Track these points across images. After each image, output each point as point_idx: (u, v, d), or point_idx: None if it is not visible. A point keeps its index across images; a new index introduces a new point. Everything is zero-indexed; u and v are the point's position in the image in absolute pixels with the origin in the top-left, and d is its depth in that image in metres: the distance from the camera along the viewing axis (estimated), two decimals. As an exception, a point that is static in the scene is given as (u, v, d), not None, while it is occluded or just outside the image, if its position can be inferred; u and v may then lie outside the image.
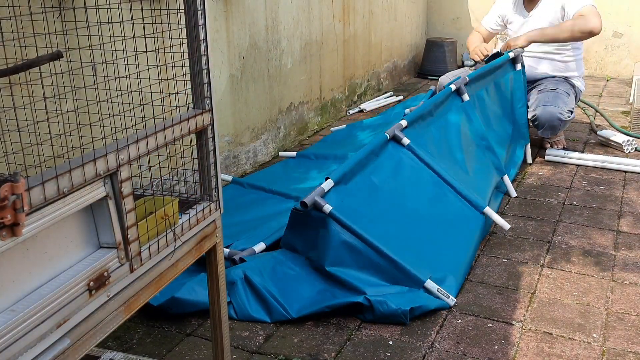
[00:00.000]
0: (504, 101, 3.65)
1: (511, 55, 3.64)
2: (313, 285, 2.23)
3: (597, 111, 4.81)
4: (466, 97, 3.26)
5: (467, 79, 3.31)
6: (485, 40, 4.10)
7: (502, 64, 3.64)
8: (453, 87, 3.23)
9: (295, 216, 2.30)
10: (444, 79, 3.90)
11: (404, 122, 2.82)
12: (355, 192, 2.43)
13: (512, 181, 3.37)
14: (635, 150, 3.86)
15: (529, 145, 3.75)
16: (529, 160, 3.74)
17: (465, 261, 2.47)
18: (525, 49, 3.76)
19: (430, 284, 2.22)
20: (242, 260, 2.33)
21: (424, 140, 2.89)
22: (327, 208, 2.21)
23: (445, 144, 3.03)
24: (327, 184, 2.32)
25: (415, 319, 2.15)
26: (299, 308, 2.15)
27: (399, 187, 2.62)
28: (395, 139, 2.75)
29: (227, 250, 2.37)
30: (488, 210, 2.74)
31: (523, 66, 3.72)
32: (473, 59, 3.89)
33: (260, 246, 2.43)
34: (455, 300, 2.25)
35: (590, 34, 3.55)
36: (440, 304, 2.20)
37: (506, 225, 2.76)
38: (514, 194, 3.24)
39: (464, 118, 3.20)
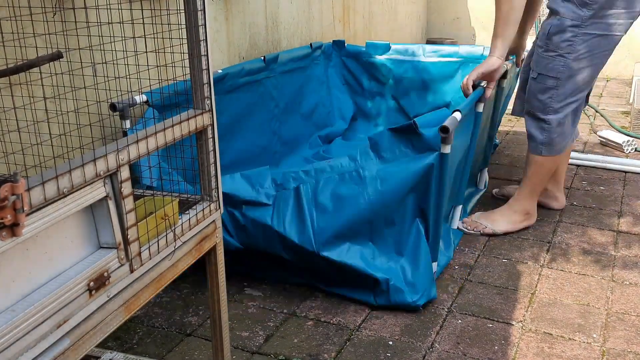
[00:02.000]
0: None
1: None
2: (358, 235, 2.21)
3: (597, 111, 4.81)
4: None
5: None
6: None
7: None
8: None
9: (409, 128, 2.16)
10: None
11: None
12: (455, 139, 2.31)
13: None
14: (635, 150, 3.86)
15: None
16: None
17: (449, 251, 2.59)
18: None
19: (434, 266, 2.29)
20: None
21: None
22: (447, 149, 2.14)
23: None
24: (458, 115, 2.22)
25: (415, 319, 2.15)
26: (327, 249, 2.14)
27: (461, 154, 2.54)
28: (479, 99, 2.63)
29: None
30: (459, 208, 2.80)
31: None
32: None
33: None
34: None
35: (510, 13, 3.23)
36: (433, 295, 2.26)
37: (455, 224, 2.81)
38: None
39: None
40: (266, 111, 3.33)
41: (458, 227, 2.80)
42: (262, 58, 3.28)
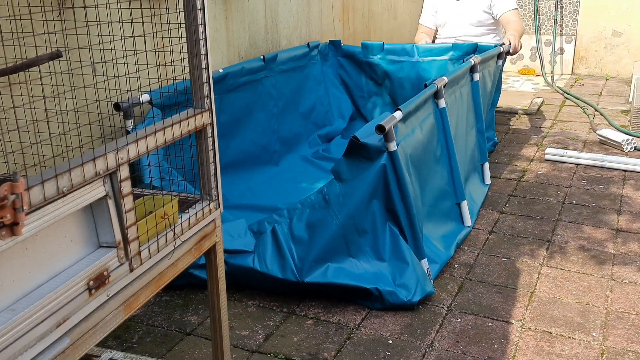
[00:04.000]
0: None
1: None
2: (336, 253, 2.24)
3: (596, 110, 4.81)
4: (476, 76, 3.28)
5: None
6: (429, 36, 4.49)
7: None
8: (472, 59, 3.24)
9: (354, 144, 2.19)
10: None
11: (445, 78, 2.75)
12: (409, 137, 2.37)
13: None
14: (635, 149, 3.86)
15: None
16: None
17: (449, 250, 2.56)
18: (457, 36, 4.34)
19: (424, 263, 2.31)
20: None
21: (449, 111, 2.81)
22: (392, 146, 2.17)
23: (458, 122, 2.99)
24: (399, 114, 2.26)
25: (414, 318, 2.16)
26: (312, 272, 2.18)
27: (429, 151, 2.57)
28: (437, 96, 2.67)
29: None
30: (463, 203, 2.81)
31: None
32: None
33: None
34: (432, 282, 2.33)
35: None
36: (430, 290, 2.26)
37: (469, 222, 2.82)
38: (488, 181, 3.35)
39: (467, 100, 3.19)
40: (265, 110, 3.34)
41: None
42: (262, 57, 3.30)
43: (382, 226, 2.26)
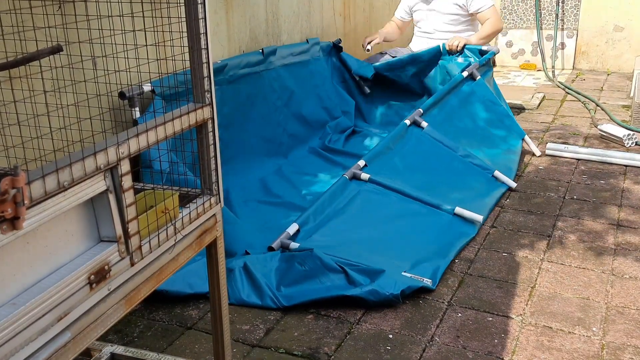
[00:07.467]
0: (473, 111, 3.82)
1: (465, 74, 3.80)
2: (313, 280, 2.26)
3: (597, 105, 4.81)
4: (424, 124, 3.41)
5: (422, 111, 3.48)
6: (401, 29, 4.64)
7: (456, 85, 3.77)
8: (407, 122, 3.39)
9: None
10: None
11: (361, 162, 3.02)
12: (325, 228, 2.60)
13: (515, 176, 3.38)
14: (636, 144, 3.86)
15: (527, 137, 3.81)
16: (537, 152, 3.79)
17: (445, 253, 2.54)
18: (433, 33, 4.37)
19: (405, 274, 2.32)
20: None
21: (386, 170, 3.07)
22: (293, 245, 2.38)
23: (410, 168, 3.20)
24: (292, 228, 2.51)
25: (415, 312, 2.16)
26: (290, 296, 2.20)
27: (368, 212, 2.78)
28: (356, 177, 2.95)
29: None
30: (458, 210, 2.80)
31: (486, 72, 3.99)
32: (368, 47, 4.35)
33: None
34: (431, 281, 2.31)
35: (498, 32, 4.34)
36: (423, 283, 2.27)
37: (478, 217, 2.79)
38: (512, 184, 3.26)
39: (427, 142, 3.38)
40: (268, 103, 3.40)
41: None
42: (261, 51, 3.33)
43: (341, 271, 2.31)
